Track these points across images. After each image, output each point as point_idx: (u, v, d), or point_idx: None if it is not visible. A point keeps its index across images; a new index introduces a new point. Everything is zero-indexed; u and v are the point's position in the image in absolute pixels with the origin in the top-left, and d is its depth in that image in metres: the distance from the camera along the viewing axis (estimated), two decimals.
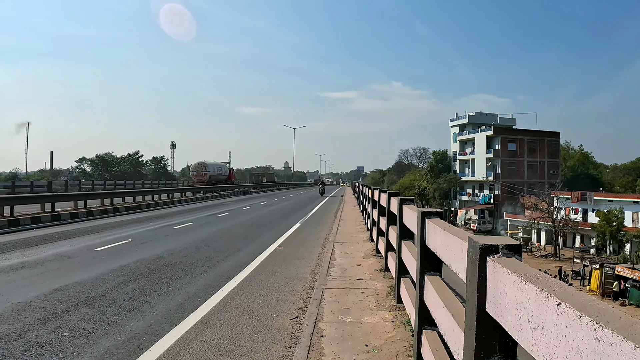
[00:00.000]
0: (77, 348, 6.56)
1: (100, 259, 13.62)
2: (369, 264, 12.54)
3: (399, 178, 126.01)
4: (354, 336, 6.84)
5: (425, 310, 4.86)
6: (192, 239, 18.24)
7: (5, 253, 14.47)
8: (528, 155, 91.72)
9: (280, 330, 7.34)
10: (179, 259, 13.69)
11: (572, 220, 64.12)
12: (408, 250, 6.72)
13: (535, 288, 1.93)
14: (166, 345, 6.72)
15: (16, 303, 8.73)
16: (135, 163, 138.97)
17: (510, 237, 46.57)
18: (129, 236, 18.76)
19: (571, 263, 53.31)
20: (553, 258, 59.47)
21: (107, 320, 7.80)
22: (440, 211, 5.14)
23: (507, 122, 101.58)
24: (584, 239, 66.25)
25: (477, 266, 2.63)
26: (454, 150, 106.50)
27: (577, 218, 66.11)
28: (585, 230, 64.61)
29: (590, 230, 63.01)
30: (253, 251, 15.37)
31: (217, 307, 8.72)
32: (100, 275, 11.27)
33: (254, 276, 11.56)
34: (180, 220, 26.10)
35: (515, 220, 77.16)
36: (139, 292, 9.80)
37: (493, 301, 2.49)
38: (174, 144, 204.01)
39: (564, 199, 67.09)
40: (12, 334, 7.01)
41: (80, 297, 9.25)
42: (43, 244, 16.44)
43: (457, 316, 3.52)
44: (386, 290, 9.46)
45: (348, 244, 16.41)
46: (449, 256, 3.82)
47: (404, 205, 7.42)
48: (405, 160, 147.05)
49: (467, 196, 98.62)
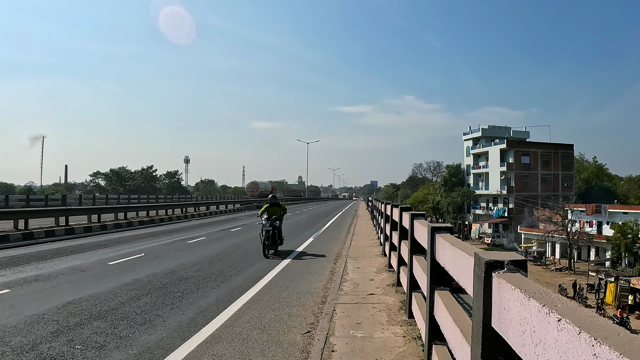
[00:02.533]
0: None
1: (113, 273, 13.70)
2: (382, 278, 12.52)
3: (412, 192, 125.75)
4: (364, 351, 6.84)
5: (435, 325, 4.86)
6: (205, 254, 18.29)
7: (20, 266, 14.60)
8: (542, 168, 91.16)
9: (292, 345, 7.35)
10: (192, 273, 13.73)
11: (586, 233, 63.55)
12: (419, 265, 6.72)
13: (538, 304, 1.94)
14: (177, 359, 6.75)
15: (29, 315, 8.81)
16: (149, 177, 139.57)
17: (525, 250, 46.26)
18: (142, 250, 18.85)
19: (586, 276, 52.77)
20: (568, 271, 58.96)
21: (119, 334, 7.85)
22: (450, 226, 5.15)
23: (521, 135, 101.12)
24: (599, 251, 65.54)
25: (482, 281, 2.64)
26: (468, 164, 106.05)
27: (592, 231, 65.56)
28: (600, 243, 63.93)
29: (605, 242, 62.29)
30: (266, 266, 15.38)
31: (228, 322, 8.74)
32: (113, 289, 11.34)
33: (266, 291, 11.57)
34: (194, 235, 26.21)
35: (529, 234, 76.68)
36: (151, 306, 9.84)
37: (498, 316, 2.50)
38: (188, 158, 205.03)
39: (578, 211, 66.55)
40: (25, 346, 7.08)
41: (93, 311, 9.31)
42: (57, 257, 16.56)
43: (465, 331, 3.53)
44: (398, 305, 9.44)
45: (361, 258, 16.40)
46: (457, 271, 3.83)
47: (415, 220, 7.43)
48: (419, 174, 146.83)
49: (481, 210, 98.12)
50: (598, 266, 59.38)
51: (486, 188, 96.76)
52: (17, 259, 16.06)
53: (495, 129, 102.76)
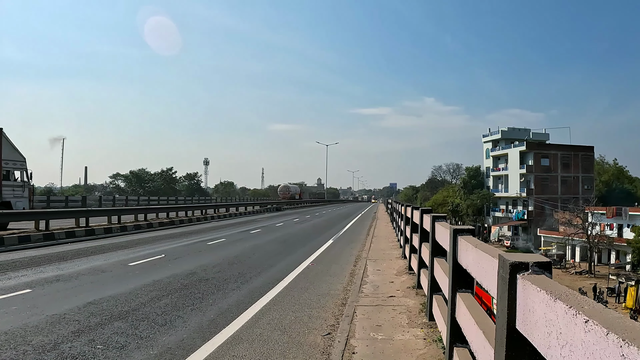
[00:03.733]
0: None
1: (133, 274, 13.79)
2: (402, 281, 12.49)
3: (432, 194, 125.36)
4: (385, 353, 6.83)
5: (456, 328, 4.85)
6: (225, 255, 18.38)
7: (41, 266, 14.75)
8: (561, 171, 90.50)
9: (312, 347, 7.36)
10: (212, 275, 13.79)
11: (607, 236, 62.97)
12: (440, 267, 6.71)
13: (564, 305, 1.94)
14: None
15: (51, 315, 8.89)
16: (168, 179, 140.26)
17: (544, 253, 45.92)
18: (163, 251, 18.97)
19: (606, 280, 52.29)
20: (588, 275, 58.39)
21: (140, 334, 7.90)
22: (472, 228, 5.13)
23: (540, 137, 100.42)
24: (619, 255, 64.85)
25: (507, 283, 2.64)
26: (487, 166, 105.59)
27: (612, 234, 64.93)
28: (621, 246, 63.29)
29: (625, 246, 61.68)
30: (286, 267, 15.42)
31: (249, 323, 8.76)
32: (134, 290, 11.41)
33: (286, 292, 11.59)
34: (214, 236, 26.32)
35: (549, 236, 76.18)
36: (171, 306, 9.89)
37: (523, 318, 2.50)
38: (207, 160, 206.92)
39: (598, 214, 66.01)
40: (47, 345, 7.15)
41: (114, 311, 9.37)
42: (77, 258, 16.71)
43: (488, 333, 3.52)
44: (418, 308, 9.41)
45: (380, 261, 16.36)
46: (480, 273, 3.82)
47: (436, 223, 7.41)
48: (438, 176, 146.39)
49: (501, 212, 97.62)
50: (618, 269, 58.69)
51: (506, 190, 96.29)
52: (38, 259, 16.23)
53: (514, 131, 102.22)
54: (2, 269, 14.20)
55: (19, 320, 8.54)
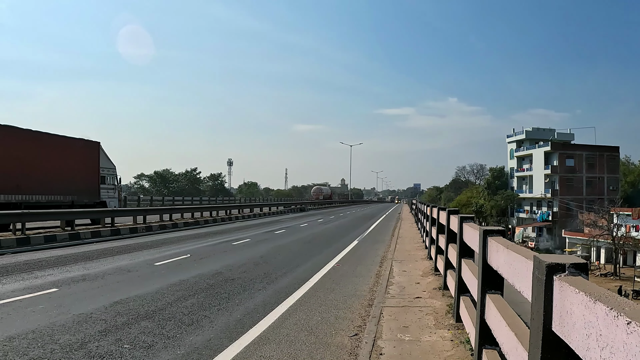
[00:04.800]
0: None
1: (159, 274, 13.91)
2: (428, 282, 12.45)
3: (456, 195, 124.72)
4: (412, 355, 6.81)
5: (486, 329, 4.82)
6: (250, 255, 18.44)
7: (67, 265, 14.95)
8: (586, 171, 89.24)
9: (339, 348, 7.36)
10: (238, 275, 13.85)
11: (632, 237, 62.12)
12: (468, 268, 6.67)
13: (604, 307, 1.92)
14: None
15: (77, 314, 8.99)
16: (192, 179, 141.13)
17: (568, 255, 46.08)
18: (188, 251, 19.10)
19: (631, 282, 51.63)
20: (613, 277, 57.55)
21: (167, 334, 7.96)
22: (502, 229, 5.09)
23: (565, 137, 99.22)
24: None
25: (543, 285, 2.61)
26: (511, 167, 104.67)
27: (638, 235, 64.11)
28: None
29: None
30: (311, 268, 15.46)
31: (275, 323, 8.79)
32: (160, 290, 11.51)
33: (312, 293, 11.62)
34: (238, 237, 26.45)
35: (574, 238, 75.34)
36: (198, 306, 9.95)
37: (559, 320, 2.48)
38: (231, 161, 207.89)
39: (624, 215, 65.16)
40: (74, 344, 7.23)
41: (140, 311, 9.45)
42: (103, 258, 16.92)
43: (520, 335, 3.50)
44: (445, 309, 9.36)
45: (406, 261, 16.31)
46: (512, 274, 3.79)
47: (464, 223, 7.37)
48: (462, 177, 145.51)
49: (525, 213, 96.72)
50: None
51: (530, 191, 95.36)
52: (64, 259, 16.44)
53: (539, 131, 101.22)
54: (29, 268, 14.41)
55: (46, 319, 8.66)
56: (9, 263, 15.38)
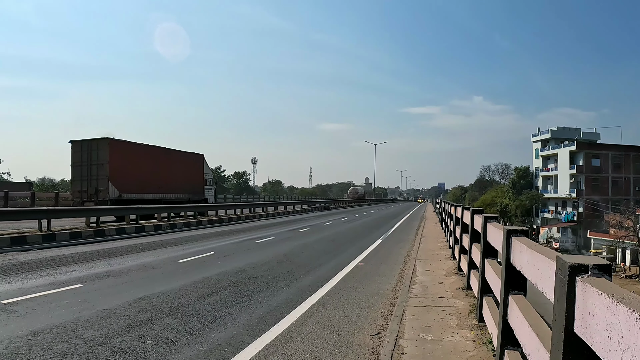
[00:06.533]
0: (160, 356, 6.77)
1: (183, 271, 14.00)
2: (451, 282, 12.38)
3: (480, 195, 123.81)
4: (434, 354, 6.78)
5: (508, 330, 4.78)
6: (273, 253, 18.47)
7: (92, 262, 15.13)
8: (612, 171, 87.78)
9: (361, 347, 7.35)
10: (261, 273, 13.89)
11: None
12: (492, 268, 6.61)
13: (627, 309, 1.90)
14: (247, 357, 6.86)
15: (101, 310, 9.11)
16: (217, 177, 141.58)
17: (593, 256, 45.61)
18: (212, 249, 19.20)
19: None
20: (638, 279, 56.98)
21: (190, 330, 8.02)
22: (526, 229, 5.04)
23: (591, 136, 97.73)
24: None
25: (565, 286, 2.59)
26: (536, 166, 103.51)
27: None
28: None
29: None
30: (334, 267, 15.45)
31: (298, 321, 8.81)
32: (183, 286, 11.58)
33: (335, 291, 11.62)
34: (262, 235, 26.55)
35: (599, 239, 74.47)
36: (221, 303, 10.01)
37: (581, 321, 2.45)
38: (255, 159, 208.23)
39: None
40: (97, 339, 7.33)
41: (164, 307, 9.54)
42: (127, 254, 17.11)
43: (542, 337, 3.47)
44: (468, 309, 9.31)
45: (429, 261, 16.24)
46: (535, 275, 3.76)
47: (488, 223, 7.31)
48: (486, 176, 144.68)
49: (550, 213, 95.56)
50: None
51: (555, 191, 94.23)
52: (89, 255, 16.65)
53: (564, 130, 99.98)
54: (54, 264, 14.60)
55: (70, 314, 8.79)
56: (34, 259, 15.60)
